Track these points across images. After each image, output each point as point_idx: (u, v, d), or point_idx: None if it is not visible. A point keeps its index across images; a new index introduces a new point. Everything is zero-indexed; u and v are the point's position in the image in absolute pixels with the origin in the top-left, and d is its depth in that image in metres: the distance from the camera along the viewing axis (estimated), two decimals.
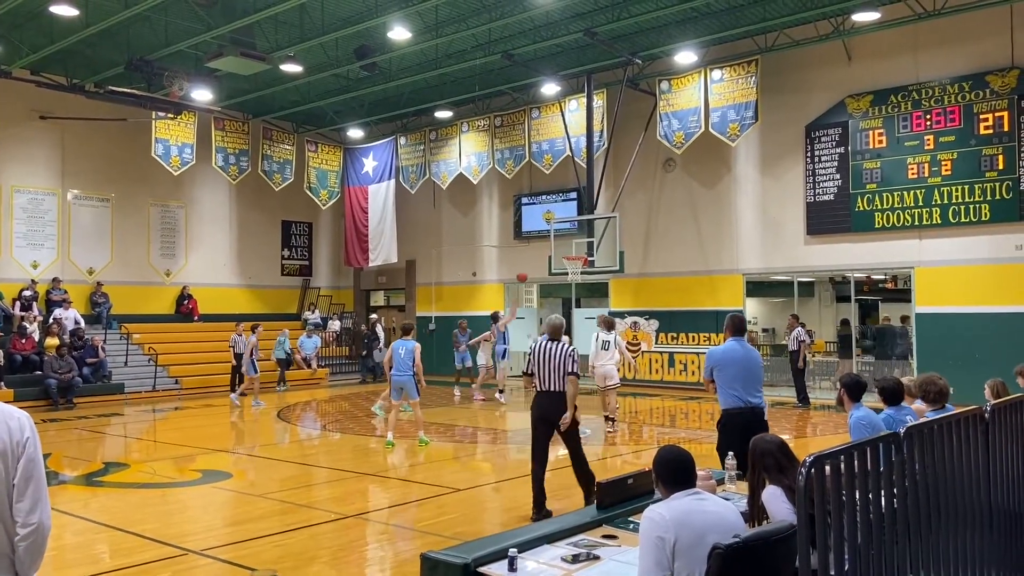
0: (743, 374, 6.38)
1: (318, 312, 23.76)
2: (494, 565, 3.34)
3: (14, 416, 2.42)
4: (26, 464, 2.39)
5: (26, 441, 2.40)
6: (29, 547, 2.39)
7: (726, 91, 16.67)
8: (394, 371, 11.01)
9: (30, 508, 2.38)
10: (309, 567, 5.87)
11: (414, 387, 11.04)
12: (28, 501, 2.38)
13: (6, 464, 2.37)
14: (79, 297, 19.35)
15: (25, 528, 2.38)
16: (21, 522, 2.37)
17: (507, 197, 21.82)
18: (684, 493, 3.15)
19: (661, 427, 13.46)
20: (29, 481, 2.38)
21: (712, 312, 17.74)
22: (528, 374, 7.11)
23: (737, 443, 5.89)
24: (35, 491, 2.39)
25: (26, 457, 2.39)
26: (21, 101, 18.14)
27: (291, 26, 15.80)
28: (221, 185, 22.05)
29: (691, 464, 3.27)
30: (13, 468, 2.38)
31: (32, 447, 2.41)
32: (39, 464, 2.43)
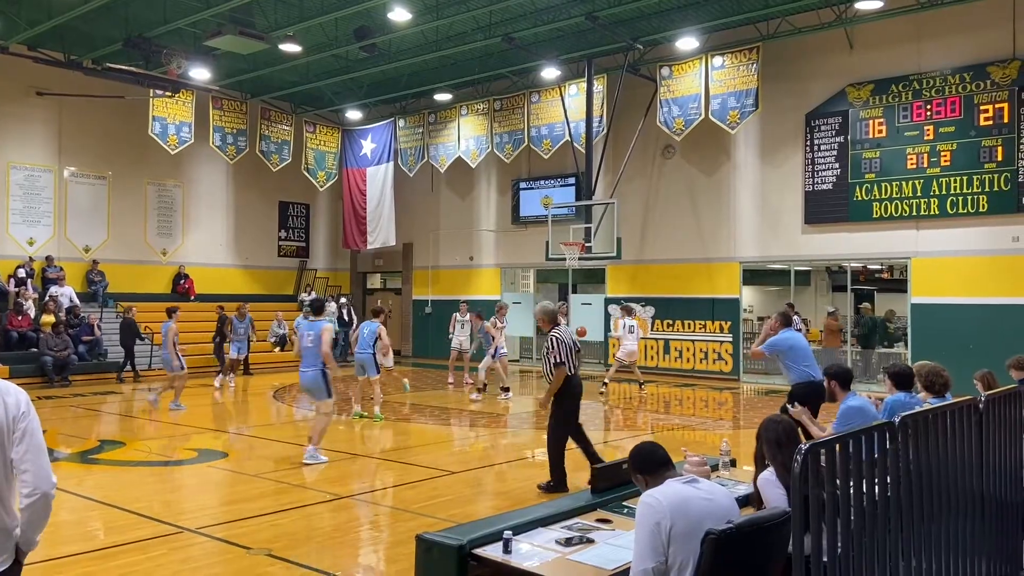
0: (807, 354, 7.91)
1: (315, 294, 23.73)
2: (489, 547, 3.36)
3: (11, 392, 2.47)
4: (23, 436, 2.44)
5: (22, 415, 2.45)
6: (32, 516, 2.47)
7: (727, 78, 16.61)
8: (357, 348, 11.99)
9: (32, 479, 2.44)
10: (303, 547, 5.90)
11: (373, 364, 11.90)
12: (30, 473, 2.44)
13: (3, 439, 2.42)
14: (75, 275, 19.30)
15: (29, 498, 2.44)
16: (26, 492, 2.44)
17: (505, 181, 21.77)
18: (678, 479, 3.16)
19: (656, 413, 13.51)
20: (27, 452, 2.44)
21: (708, 300, 17.78)
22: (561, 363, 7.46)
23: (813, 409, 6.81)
24: (35, 461, 2.45)
25: (23, 430, 2.44)
26: (18, 77, 18.00)
27: (290, 5, 15.69)
28: (219, 165, 21.95)
29: (663, 452, 3.36)
30: (10, 442, 2.43)
31: (29, 420, 2.46)
32: (37, 435, 2.48)
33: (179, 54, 16.61)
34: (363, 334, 11.97)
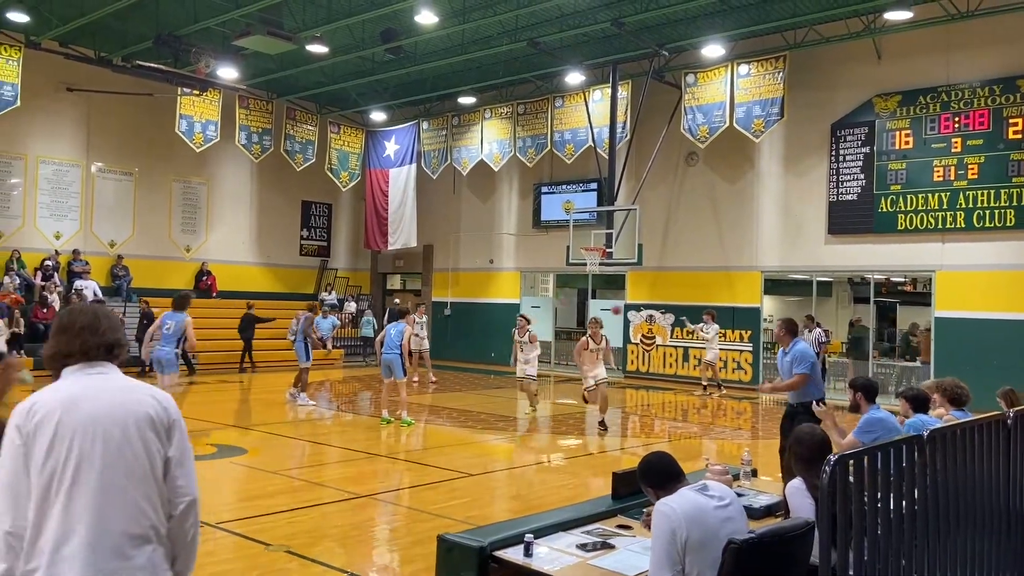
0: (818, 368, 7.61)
1: (335, 293, 23.88)
2: (509, 550, 3.36)
3: (160, 398, 2.44)
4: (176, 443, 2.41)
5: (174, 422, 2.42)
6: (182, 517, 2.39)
7: (753, 86, 16.54)
8: (384, 350, 11.79)
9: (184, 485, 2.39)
10: (321, 544, 5.93)
11: (400, 366, 11.81)
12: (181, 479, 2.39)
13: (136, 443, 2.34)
14: (100, 269, 19.55)
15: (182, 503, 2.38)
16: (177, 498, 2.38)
17: (527, 185, 21.79)
18: (691, 487, 3.15)
19: (674, 421, 13.45)
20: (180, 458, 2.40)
21: (729, 308, 17.67)
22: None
23: None
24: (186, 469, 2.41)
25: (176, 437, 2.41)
26: (49, 73, 18.25)
27: (319, 6, 15.81)
28: (243, 163, 22.15)
29: (673, 463, 3.33)
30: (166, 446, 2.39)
31: (180, 427, 2.44)
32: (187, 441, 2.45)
33: (208, 53, 16.79)
34: (390, 335, 11.82)
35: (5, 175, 18.50)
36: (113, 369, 2.43)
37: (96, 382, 2.37)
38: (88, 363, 2.39)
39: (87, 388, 2.34)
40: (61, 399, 2.29)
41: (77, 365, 2.38)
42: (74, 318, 2.45)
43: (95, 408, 2.30)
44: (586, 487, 8.12)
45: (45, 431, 2.23)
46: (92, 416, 2.28)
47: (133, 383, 2.43)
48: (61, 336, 2.42)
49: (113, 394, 2.36)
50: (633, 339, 19.37)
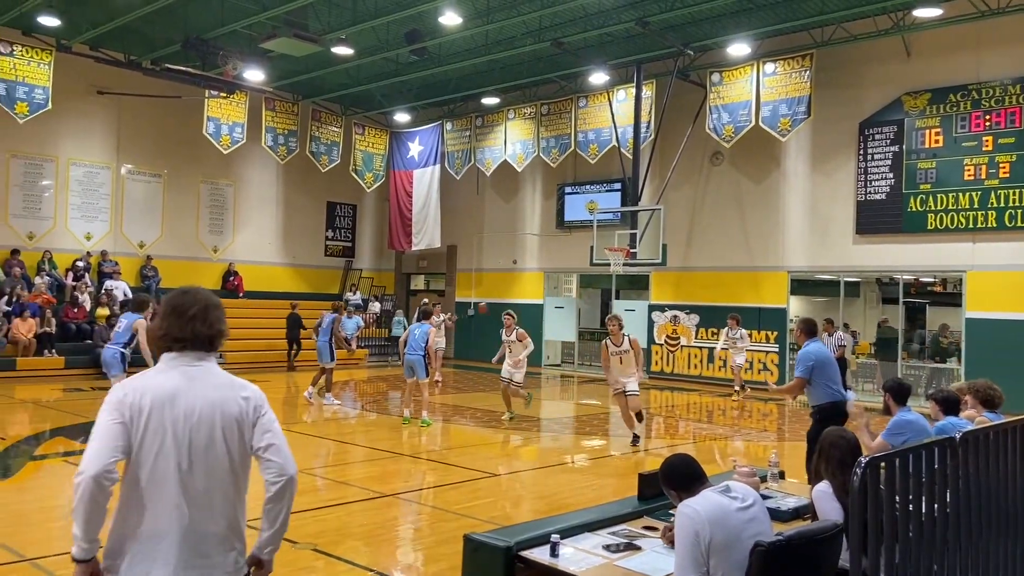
0: (834, 370, 7.06)
1: (359, 293, 24.02)
2: (536, 550, 3.36)
3: (247, 388, 2.57)
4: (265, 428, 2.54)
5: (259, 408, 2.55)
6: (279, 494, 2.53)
7: (779, 85, 16.39)
8: (407, 350, 11.74)
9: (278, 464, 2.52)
10: (346, 543, 5.97)
11: (423, 367, 11.70)
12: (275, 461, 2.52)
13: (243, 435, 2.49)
14: (130, 270, 19.83)
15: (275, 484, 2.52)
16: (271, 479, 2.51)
17: (550, 186, 21.77)
18: (713, 489, 3.13)
19: (699, 423, 13.37)
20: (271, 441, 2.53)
21: (755, 308, 17.54)
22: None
23: None
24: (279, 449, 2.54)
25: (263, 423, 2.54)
26: (80, 76, 18.54)
27: (344, 9, 15.92)
28: (269, 165, 22.36)
29: (696, 465, 3.31)
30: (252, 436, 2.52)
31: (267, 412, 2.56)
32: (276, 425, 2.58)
33: (235, 55, 16.97)
34: (414, 335, 11.80)
35: (37, 177, 18.83)
36: (211, 361, 2.57)
37: (194, 378, 2.50)
38: (191, 353, 2.52)
39: (185, 385, 2.46)
40: (161, 395, 2.42)
41: (178, 354, 2.52)
42: (187, 305, 2.56)
43: (189, 407, 2.43)
44: (610, 488, 8.09)
45: (142, 420, 2.38)
46: (186, 415, 2.41)
47: (225, 380, 2.55)
48: (174, 319, 2.54)
49: (207, 393, 2.48)
50: (657, 340, 19.28)
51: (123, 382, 2.52)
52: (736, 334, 16.06)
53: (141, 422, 2.37)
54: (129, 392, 2.42)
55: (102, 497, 2.29)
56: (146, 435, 2.36)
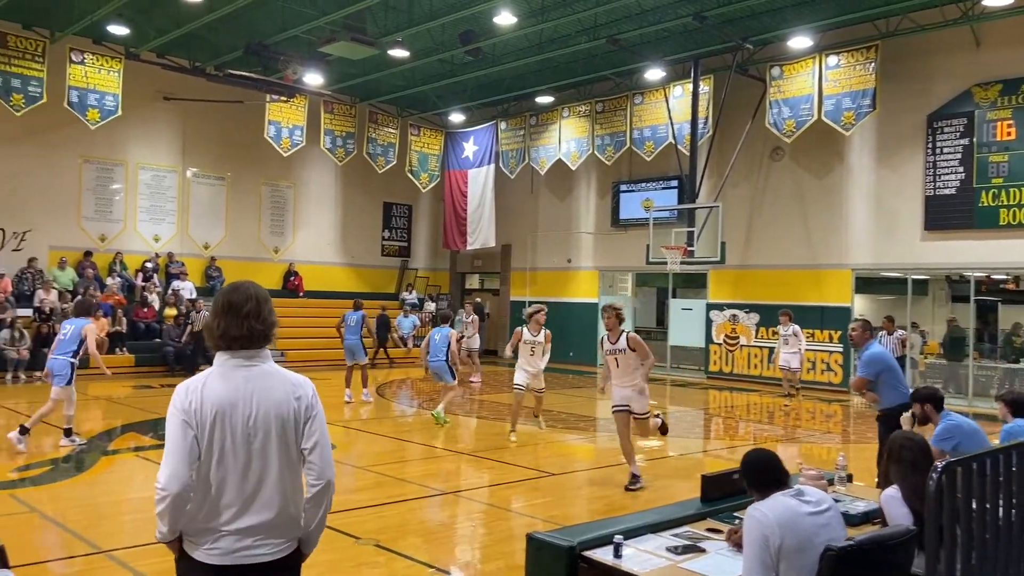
0: (899, 372, 7.09)
1: (415, 292, 24.28)
2: (599, 550, 3.35)
3: (300, 384, 2.69)
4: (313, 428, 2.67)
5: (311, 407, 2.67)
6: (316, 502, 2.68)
7: (842, 78, 15.99)
8: (429, 357, 11.41)
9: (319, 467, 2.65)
10: (407, 539, 6.04)
11: (448, 372, 11.35)
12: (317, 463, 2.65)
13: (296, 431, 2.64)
14: (195, 270, 20.42)
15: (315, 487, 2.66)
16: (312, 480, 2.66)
17: (605, 184, 21.65)
18: (785, 492, 3.07)
19: (759, 424, 13.13)
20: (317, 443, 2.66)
21: (817, 307, 17.14)
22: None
23: None
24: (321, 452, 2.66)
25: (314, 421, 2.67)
26: (147, 83, 19.14)
27: (400, 12, 16.10)
28: (328, 167, 22.76)
29: (780, 463, 3.21)
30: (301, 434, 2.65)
31: (317, 412, 2.69)
32: (324, 427, 2.71)
33: (295, 60, 17.33)
34: (435, 341, 11.31)
35: (107, 181, 19.53)
36: (265, 356, 2.69)
37: (250, 379, 2.64)
38: (245, 351, 2.65)
39: (242, 389, 2.62)
40: (222, 402, 2.59)
41: (233, 354, 2.65)
42: (242, 302, 2.67)
43: (247, 412, 2.60)
44: (668, 490, 8.01)
45: (207, 426, 2.57)
46: (244, 419, 2.59)
47: (279, 378, 2.68)
48: (232, 318, 2.65)
49: (263, 395, 2.63)
50: (716, 339, 19.00)
51: (186, 386, 2.65)
52: (788, 331, 15.28)
53: (206, 430, 2.56)
54: (193, 400, 2.58)
55: (183, 504, 2.54)
56: (212, 441, 2.56)
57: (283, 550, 2.65)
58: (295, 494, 2.67)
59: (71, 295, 17.46)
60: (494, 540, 6.21)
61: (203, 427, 2.56)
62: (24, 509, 6.53)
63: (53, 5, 16.24)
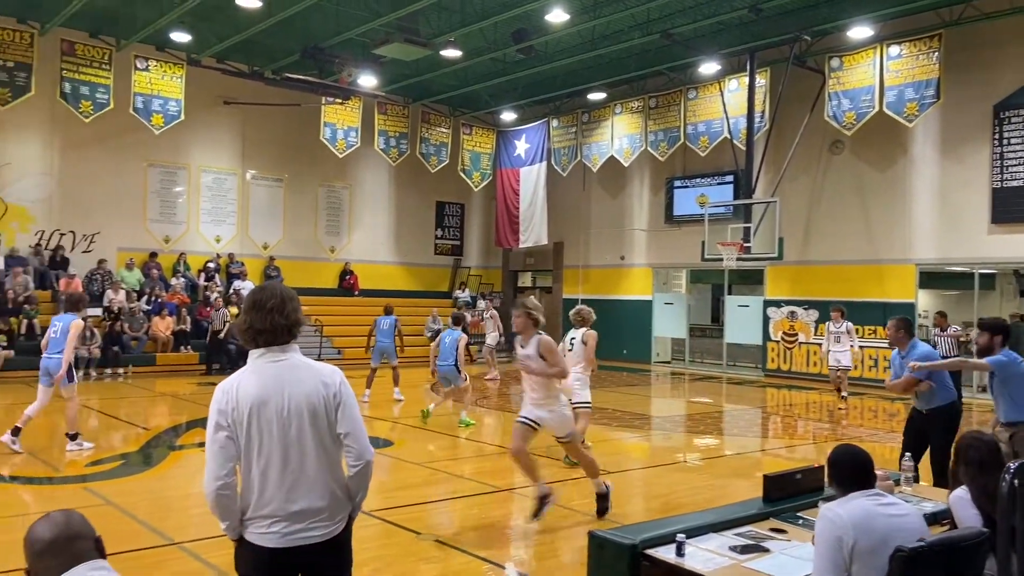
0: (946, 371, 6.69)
1: (468, 291, 24.43)
2: (661, 549, 3.34)
3: (325, 373, 2.86)
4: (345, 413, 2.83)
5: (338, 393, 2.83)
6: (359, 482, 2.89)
7: (904, 68, 15.56)
8: (439, 360, 11.28)
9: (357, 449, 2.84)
10: (465, 535, 6.10)
11: (457, 375, 11.20)
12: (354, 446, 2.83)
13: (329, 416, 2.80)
14: (255, 270, 20.92)
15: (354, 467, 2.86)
16: (351, 462, 2.85)
17: (659, 180, 21.46)
18: (862, 493, 3.03)
19: (818, 423, 12.87)
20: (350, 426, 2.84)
21: (879, 304, 16.72)
22: None
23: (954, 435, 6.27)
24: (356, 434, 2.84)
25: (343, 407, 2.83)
26: (208, 88, 19.67)
27: (452, 12, 16.21)
28: (382, 167, 23.06)
29: (870, 464, 3.15)
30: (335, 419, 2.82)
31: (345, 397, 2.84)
32: (355, 410, 2.87)
33: (350, 62, 17.60)
34: (444, 344, 11.15)
35: (171, 184, 20.13)
36: (293, 350, 2.85)
37: (280, 374, 2.80)
38: (274, 347, 2.81)
39: (273, 384, 2.78)
40: (256, 399, 2.75)
41: (264, 349, 2.82)
42: (265, 299, 2.84)
43: (280, 405, 2.76)
44: (727, 489, 7.92)
45: (244, 422, 2.75)
46: (278, 412, 2.76)
47: (307, 369, 2.84)
48: (255, 313, 2.82)
49: (293, 388, 2.79)
50: (774, 336, 18.68)
51: (222, 386, 2.82)
52: (840, 328, 14.10)
53: (243, 428, 2.74)
54: (230, 399, 2.76)
55: (228, 500, 2.74)
56: (250, 437, 2.74)
57: (333, 531, 2.81)
58: (336, 477, 2.83)
59: (138, 295, 18.09)
60: (551, 537, 6.23)
61: (241, 423, 2.73)
62: (100, 502, 6.80)
63: (118, 14, 16.80)
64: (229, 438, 2.73)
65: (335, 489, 2.83)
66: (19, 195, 18.01)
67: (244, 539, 2.80)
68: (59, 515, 2.17)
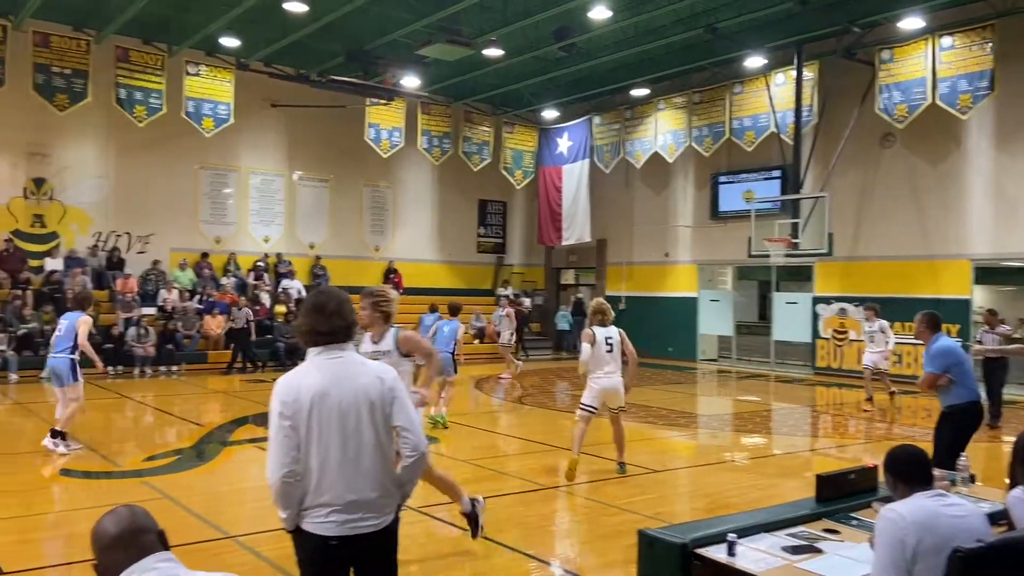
0: (970, 367, 6.51)
1: (511, 288, 24.49)
2: (712, 548, 3.33)
3: (381, 371, 3.04)
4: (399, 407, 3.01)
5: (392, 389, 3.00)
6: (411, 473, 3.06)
7: (957, 59, 15.14)
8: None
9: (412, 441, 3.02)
10: (512, 532, 6.13)
11: (451, 364, 10.91)
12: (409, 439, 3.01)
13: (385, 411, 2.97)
14: (302, 269, 21.27)
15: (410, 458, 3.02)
16: (407, 453, 3.02)
17: (703, 176, 21.22)
18: (924, 493, 2.98)
19: (870, 422, 12.61)
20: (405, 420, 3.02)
21: (932, 300, 16.26)
22: None
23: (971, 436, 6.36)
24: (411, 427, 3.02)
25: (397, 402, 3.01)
26: (256, 91, 20.05)
27: (494, 11, 16.25)
28: (425, 166, 23.24)
29: (928, 463, 3.11)
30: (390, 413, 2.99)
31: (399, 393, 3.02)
32: (408, 405, 3.06)
33: (394, 64, 17.78)
34: (443, 332, 10.99)
35: (221, 186, 20.56)
36: (350, 349, 3.04)
37: (339, 370, 2.97)
38: (333, 346, 2.99)
39: (332, 379, 2.94)
40: (316, 393, 2.90)
41: (323, 348, 2.99)
42: (326, 302, 3.03)
43: (338, 398, 2.92)
44: (776, 489, 7.83)
45: (304, 414, 2.88)
46: (338, 404, 2.92)
47: (363, 367, 3.02)
48: (317, 315, 3.00)
49: (351, 382, 2.96)
50: (823, 334, 18.35)
51: (284, 380, 2.96)
52: (874, 327, 13.36)
53: (303, 421, 2.88)
54: (291, 392, 2.90)
55: (291, 488, 2.88)
56: (310, 430, 2.88)
57: (384, 521, 2.97)
58: (388, 470, 2.99)
59: (190, 294, 18.52)
60: (597, 535, 6.23)
61: (301, 416, 2.87)
62: (157, 495, 7.00)
63: (170, 20, 17.22)
64: (292, 428, 2.86)
65: (386, 482, 2.97)
66: (78, 198, 18.58)
67: (301, 528, 2.92)
68: (124, 510, 2.23)
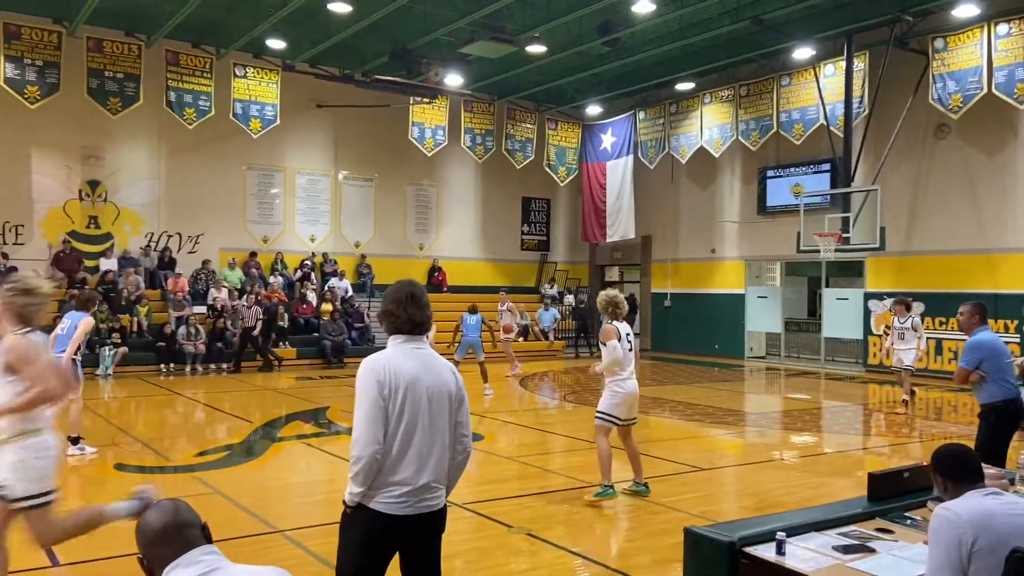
0: (1007, 363, 6.31)
1: (555, 286, 24.43)
2: (760, 547, 3.25)
3: (454, 370, 3.27)
4: (464, 407, 3.26)
5: (461, 389, 3.26)
6: (460, 468, 3.29)
7: (1014, 47, 14.64)
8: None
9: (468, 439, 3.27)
10: (556, 529, 6.10)
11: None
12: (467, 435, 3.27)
13: (452, 406, 3.20)
14: (348, 268, 21.52)
15: (462, 455, 3.27)
16: (460, 449, 3.25)
17: (750, 170, 20.89)
18: (980, 491, 2.88)
19: (925, 420, 12.27)
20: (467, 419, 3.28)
21: (990, 295, 15.78)
22: None
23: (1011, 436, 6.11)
24: (469, 426, 3.30)
25: (464, 401, 3.26)
26: (302, 92, 20.33)
27: (537, 7, 16.21)
28: (468, 164, 23.30)
29: (978, 461, 3.03)
30: (457, 407, 3.22)
31: (465, 393, 3.27)
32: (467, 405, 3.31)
33: (437, 62, 17.86)
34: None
35: (268, 186, 20.91)
36: (426, 342, 3.24)
37: (425, 360, 3.17)
38: (415, 337, 3.18)
39: (420, 367, 3.13)
40: (409, 376, 3.08)
41: (407, 337, 3.17)
42: (421, 294, 3.23)
43: (428, 384, 3.12)
44: (827, 487, 7.66)
45: (398, 395, 3.05)
46: (426, 390, 3.12)
47: (441, 361, 3.24)
48: (414, 307, 3.18)
49: (435, 373, 3.17)
50: (875, 330, 17.91)
51: (374, 359, 3.11)
52: (905, 323, 12.50)
53: (397, 400, 3.05)
54: (385, 373, 3.05)
55: (377, 464, 3.02)
56: (402, 408, 3.05)
57: (443, 502, 3.18)
58: (446, 459, 3.18)
59: (239, 293, 18.87)
60: (643, 533, 6.17)
61: (395, 395, 3.03)
62: (208, 490, 7.13)
63: (218, 24, 17.55)
64: (385, 408, 3.02)
65: (443, 470, 3.17)
66: (130, 199, 19.07)
67: (363, 505, 3.03)
68: (167, 504, 2.26)
